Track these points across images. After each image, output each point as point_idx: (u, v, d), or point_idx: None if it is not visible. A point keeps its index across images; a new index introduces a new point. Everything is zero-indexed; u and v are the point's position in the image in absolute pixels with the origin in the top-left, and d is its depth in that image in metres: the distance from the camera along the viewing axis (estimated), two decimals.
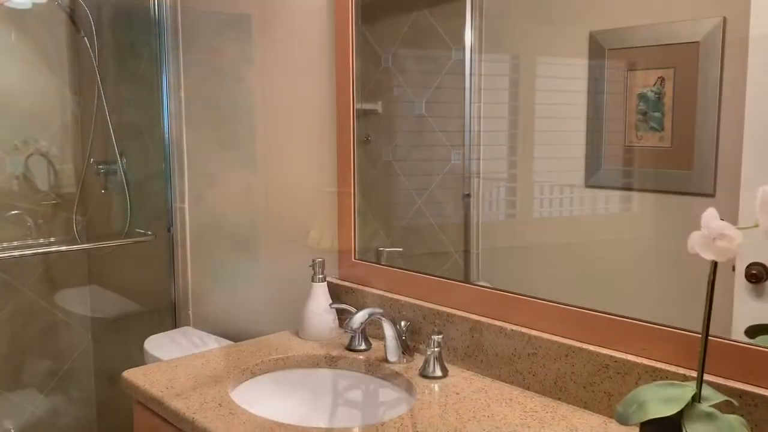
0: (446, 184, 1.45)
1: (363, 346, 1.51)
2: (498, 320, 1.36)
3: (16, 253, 2.31)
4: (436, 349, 1.35)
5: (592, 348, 1.20)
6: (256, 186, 1.98)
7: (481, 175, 1.39)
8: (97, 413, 2.82)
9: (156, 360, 1.94)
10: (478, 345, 1.38)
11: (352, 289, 1.65)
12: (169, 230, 2.33)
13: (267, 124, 1.92)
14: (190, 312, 2.30)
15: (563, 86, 1.25)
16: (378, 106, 1.58)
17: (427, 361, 1.35)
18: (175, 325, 2.36)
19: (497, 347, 1.34)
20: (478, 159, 1.40)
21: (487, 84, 1.37)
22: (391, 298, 1.55)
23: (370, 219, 1.64)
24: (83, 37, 2.59)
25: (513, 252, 1.36)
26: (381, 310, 1.40)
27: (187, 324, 2.30)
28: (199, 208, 2.22)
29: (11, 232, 2.62)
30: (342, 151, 1.67)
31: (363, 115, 1.62)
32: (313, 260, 1.61)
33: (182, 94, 2.23)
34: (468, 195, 1.42)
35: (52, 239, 2.70)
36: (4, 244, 2.58)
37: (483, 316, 1.39)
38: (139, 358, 2.07)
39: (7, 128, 2.56)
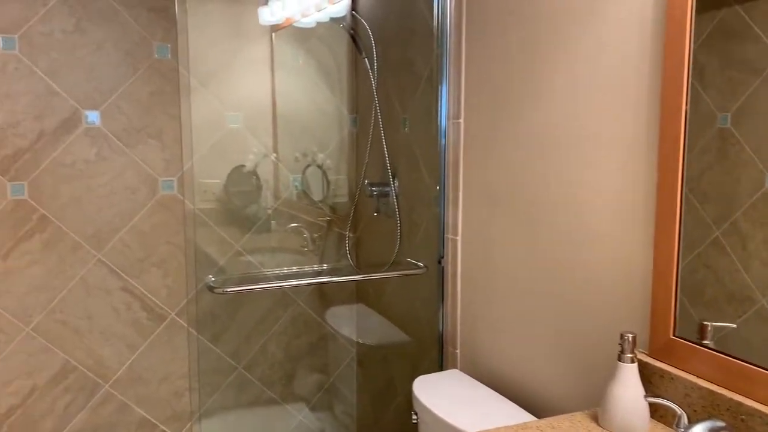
0: (754, 214, 1.19)
1: None
2: None
3: (304, 281, 2.40)
4: None
5: None
6: (542, 227, 1.73)
7: None
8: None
9: (424, 409, 1.80)
10: None
11: (669, 374, 1.33)
12: (439, 262, 2.20)
13: (558, 154, 1.66)
14: (458, 352, 2.14)
15: None
16: None
17: None
18: (441, 363, 2.23)
19: None
20: None
21: None
22: (729, 399, 1.20)
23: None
24: (364, 57, 2.58)
25: None
26: (723, 424, 1.07)
27: (454, 365, 2.15)
28: (473, 242, 2.04)
29: (291, 242, 2.76)
30: (665, 192, 1.35)
31: None
32: (622, 334, 1.32)
33: (461, 120, 2.06)
34: None
35: (325, 266, 2.79)
36: (294, 269, 2.74)
37: None
38: (399, 384, 1.95)
39: (291, 147, 2.67)
